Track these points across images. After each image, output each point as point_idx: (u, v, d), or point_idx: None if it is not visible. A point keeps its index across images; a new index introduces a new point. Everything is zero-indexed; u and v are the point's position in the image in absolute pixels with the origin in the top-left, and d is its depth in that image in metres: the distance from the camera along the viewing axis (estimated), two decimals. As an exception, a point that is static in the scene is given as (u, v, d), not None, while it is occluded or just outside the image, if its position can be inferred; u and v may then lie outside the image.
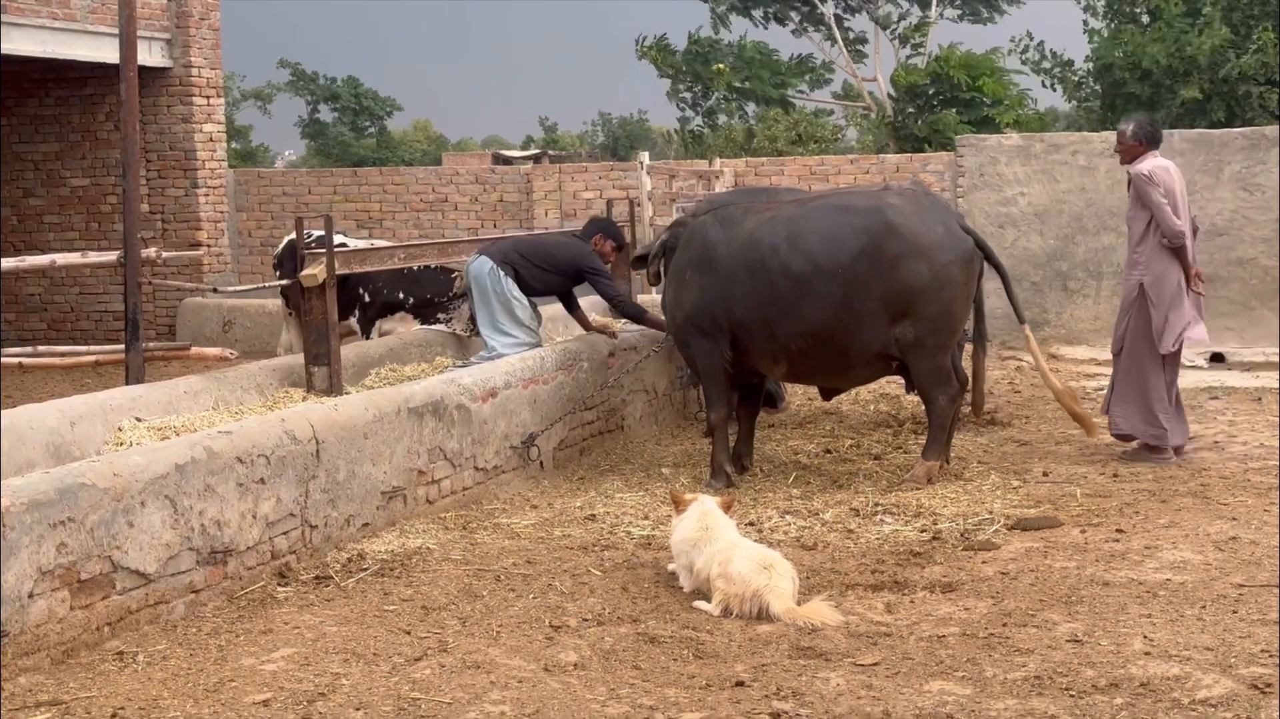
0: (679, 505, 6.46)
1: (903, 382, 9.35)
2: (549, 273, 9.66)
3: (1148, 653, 5.36)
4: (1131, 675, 5.11)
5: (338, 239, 12.27)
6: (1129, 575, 6.41)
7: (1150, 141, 9.11)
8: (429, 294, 11.29)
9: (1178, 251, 8.94)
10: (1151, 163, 9.05)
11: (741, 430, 8.97)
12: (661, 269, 9.72)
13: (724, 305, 8.45)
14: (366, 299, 11.67)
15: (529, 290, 9.62)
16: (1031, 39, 23.50)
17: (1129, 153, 9.15)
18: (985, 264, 8.61)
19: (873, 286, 8.17)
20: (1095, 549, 6.88)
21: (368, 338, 11.46)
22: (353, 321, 12.01)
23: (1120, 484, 8.32)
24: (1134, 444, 9.13)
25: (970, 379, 8.81)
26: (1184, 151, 14.62)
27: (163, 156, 17.30)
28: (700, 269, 8.55)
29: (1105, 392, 9.53)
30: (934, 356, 8.34)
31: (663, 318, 9.74)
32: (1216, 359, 13.49)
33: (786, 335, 8.35)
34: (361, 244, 11.50)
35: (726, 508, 6.47)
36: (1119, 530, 7.21)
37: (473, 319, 9.83)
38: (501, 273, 9.49)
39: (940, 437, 8.47)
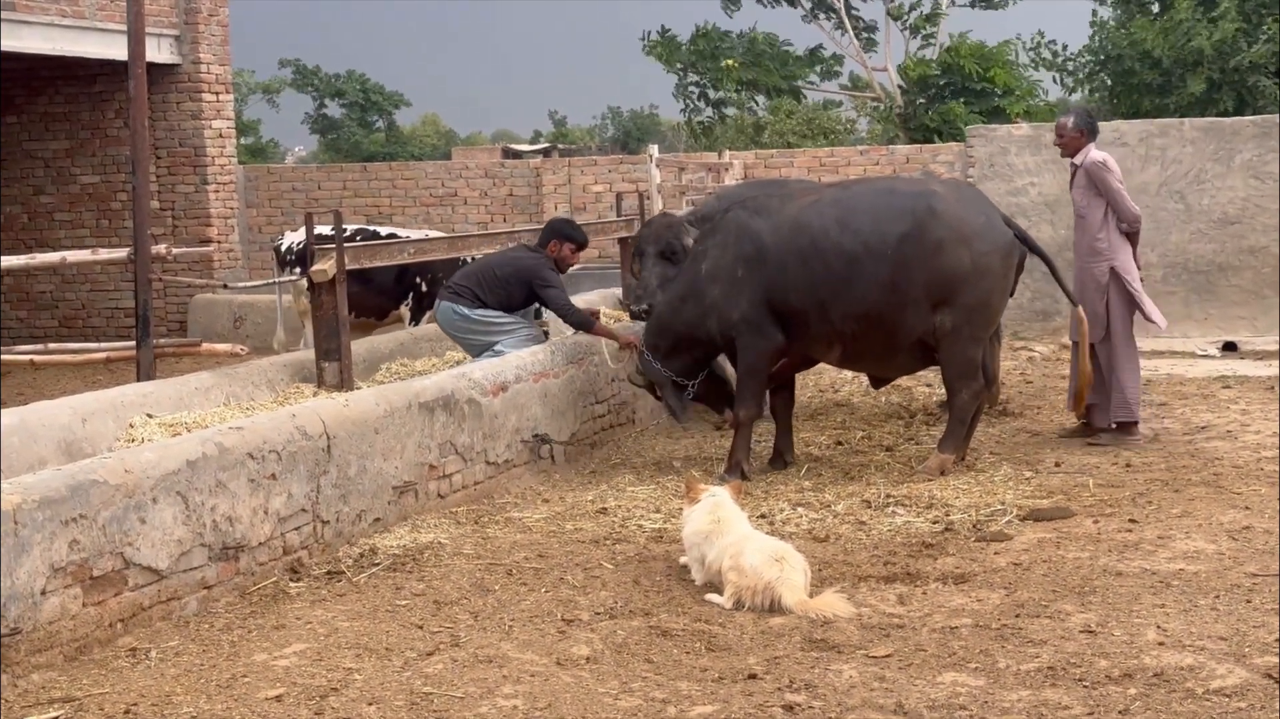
0: (692, 493, 6.46)
1: (919, 374, 9.35)
2: (504, 293, 9.43)
3: (1161, 643, 5.34)
4: (1145, 666, 5.09)
5: (391, 231, 12.33)
6: (1142, 565, 6.39)
7: (1091, 133, 9.41)
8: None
9: (1132, 236, 9.34)
10: (1098, 153, 9.37)
11: (780, 427, 8.92)
12: (640, 266, 9.69)
13: (779, 295, 8.39)
14: (424, 288, 11.73)
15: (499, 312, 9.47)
16: (1043, 37, 23.49)
17: (1071, 144, 9.42)
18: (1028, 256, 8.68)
19: (916, 271, 8.19)
20: (1108, 539, 6.86)
21: (417, 324, 11.52)
22: (403, 309, 12.07)
23: (1133, 474, 8.30)
24: (1105, 432, 9.23)
25: (994, 374, 8.80)
26: (1194, 140, 14.59)
27: (172, 153, 17.31)
28: (748, 262, 8.44)
29: (1073, 383, 9.48)
30: (966, 347, 8.34)
31: (614, 326, 9.76)
32: (1229, 348, 13.46)
33: (840, 318, 8.32)
34: (417, 234, 11.61)
35: (735, 493, 6.47)
36: (1132, 520, 7.19)
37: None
38: (459, 306, 9.32)
39: (959, 430, 8.46)
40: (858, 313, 8.30)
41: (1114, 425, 9.23)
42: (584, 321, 9.47)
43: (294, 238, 12.29)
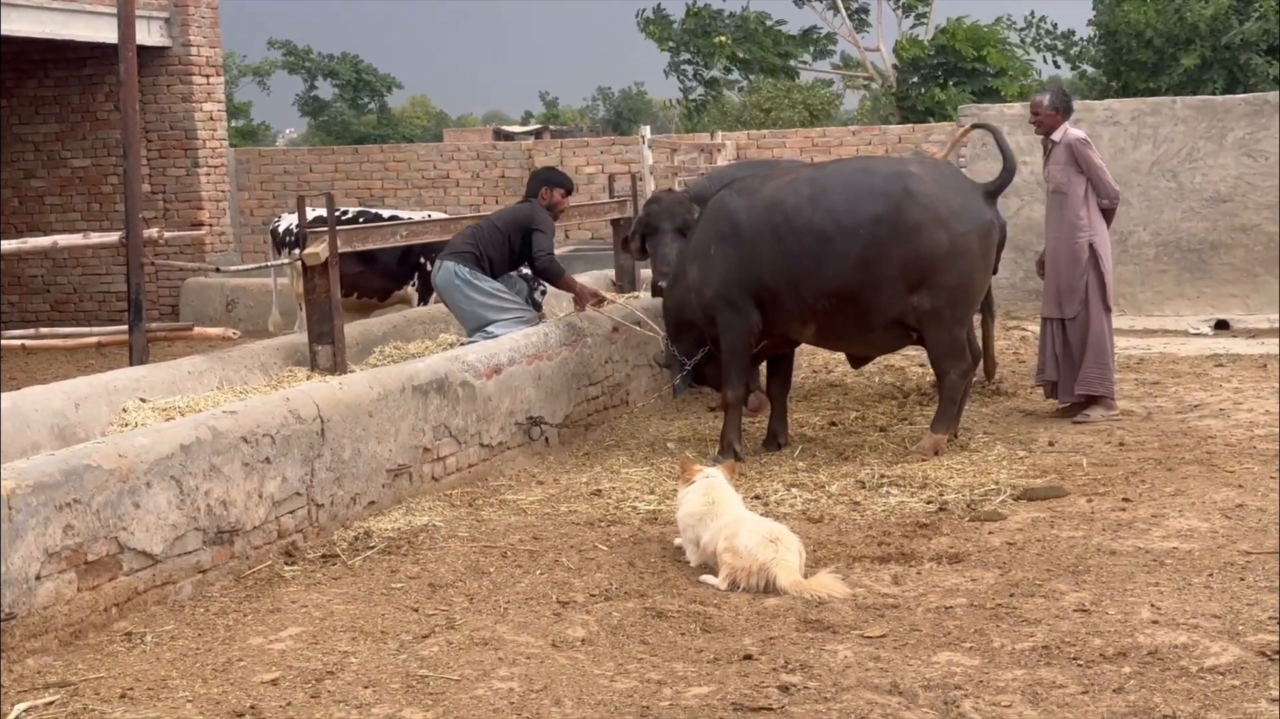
0: (687, 474, 6.46)
1: (912, 354, 9.36)
2: (505, 246, 9.49)
3: (1155, 621, 5.35)
4: (1139, 644, 5.11)
5: (393, 213, 12.32)
6: (1136, 544, 6.40)
7: (1066, 111, 9.60)
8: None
9: (1109, 213, 9.50)
10: (1076, 130, 9.59)
11: (774, 408, 8.93)
12: (643, 245, 9.73)
13: (752, 272, 8.39)
14: (429, 268, 11.73)
15: (496, 274, 9.54)
16: (1034, 16, 23.48)
17: (1047, 122, 9.57)
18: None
19: (892, 251, 8.16)
20: (1102, 518, 6.87)
21: (425, 304, 11.52)
22: (410, 289, 12.06)
23: (1126, 453, 8.31)
24: (1087, 408, 9.32)
25: (981, 349, 8.84)
26: (1186, 119, 14.57)
27: (163, 136, 17.28)
28: (724, 241, 8.48)
29: (1044, 360, 9.57)
30: (950, 328, 8.31)
31: (580, 280, 9.76)
32: (1221, 326, 13.48)
33: (812, 294, 8.29)
34: (419, 216, 11.66)
35: (729, 473, 6.47)
36: (1125, 499, 7.21)
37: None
38: (461, 267, 9.35)
39: (950, 410, 8.45)
40: (829, 290, 8.26)
41: (1085, 397, 9.32)
42: (556, 272, 9.53)
43: (291, 220, 12.27)
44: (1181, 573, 5.95)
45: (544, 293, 10.73)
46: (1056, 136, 9.49)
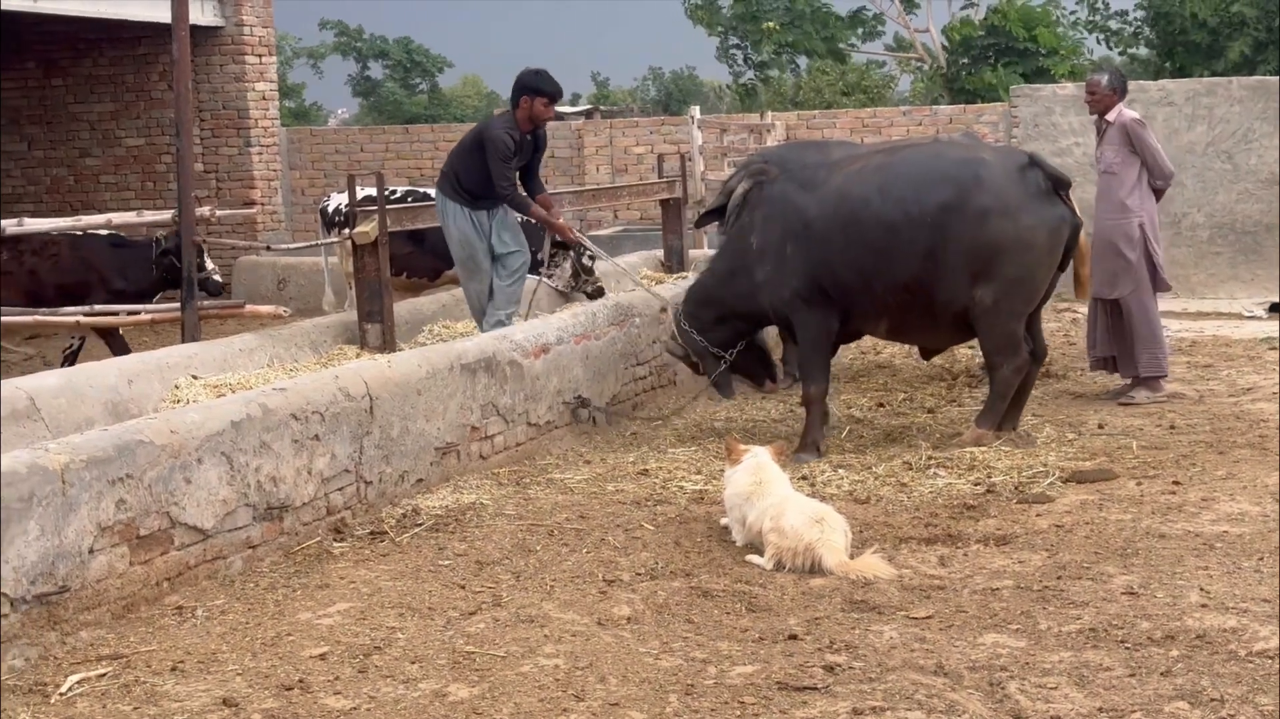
0: (733, 454, 6.46)
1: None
2: (477, 165, 8.92)
3: (1204, 605, 5.32)
4: (1188, 628, 5.08)
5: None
6: (1185, 528, 6.36)
7: (1122, 91, 9.56)
8: (533, 246, 11.22)
9: (1159, 193, 9.52)
10: (1130, 111, 9.55)
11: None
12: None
13: (826, 270, 8.15)
14: None
15: (479, 195, 9.04)
16: None
17: (1103, 102, 9.53)
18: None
19: (957, 238, 7.90)
20: (1151, 501, 6.83)
21: None
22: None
23: (1177, 436, 8.25)
24: (1133, 389, 9.34)
25: (1044, 344, 8.57)
26: (1242, 99, 14.43)
27: (216, 115, 17.38)
28: (796, 239, 8.22)
29: (1096, 338, 9.61)
30: (1006, 321, 7.99)
31: (550, 214, 9.38)
32: (1276, 309, 13.34)
33: (883, 289, 8.06)
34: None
35: (777, 455, 6.47)
36: (1175, 483, 7.16)
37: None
38: (452, 204, 8.95)
39: (999, 405, 8.16)
40: (899, 283, 8.04)
41: (1138, 380, 9.30)
42: (521, 203, 9.12)
43: (340, 199, 12.31)
44: (1231, 557, 5.91)
45: (593, 258, 10.57)
46: (1111, 117, 9.43)
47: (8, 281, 10.05)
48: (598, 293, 10.82)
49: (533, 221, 9.90)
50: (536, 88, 8.94)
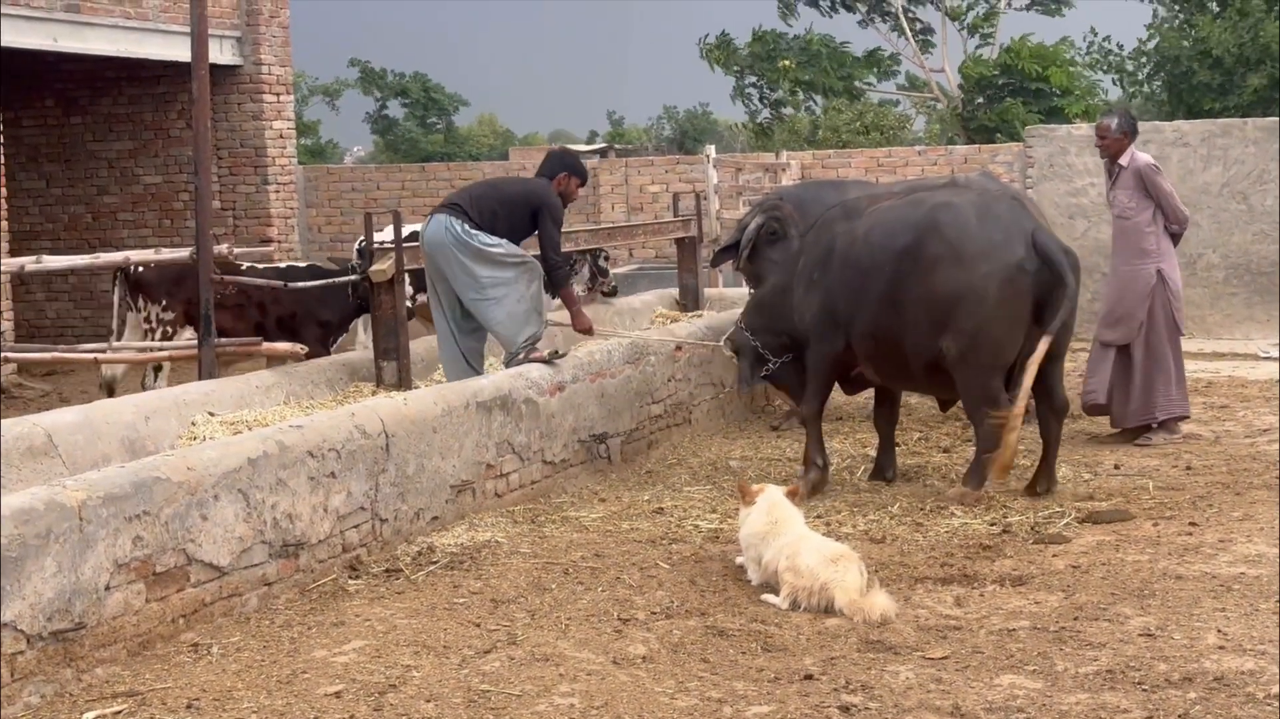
0: (746, 496, 6.47)
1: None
2: (506, 217, 8.57)
3: (1221, 647, 5.30)
4: (1205, 670, 5.06)
5: None
6: (1202, 569, 6.34)
7: (1133, 134, 9.42)
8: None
9: (1176, 237, 9.41)
10: (1143, 155, 9.44)
11: (881, 442, 8.54)
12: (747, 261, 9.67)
13: (830, 304, 8.10)
14: None
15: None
16: (1096, 34, 23.35)
17: (1115, 146, 9.40)
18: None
19: (912, 287, 7.69)
20: (1168, 542, 6.81)
21: None
22: None
23: (1193, 477, 8.23)
24: (1146, 430, 9.26)
25: (1065, 399, 8.20)
26: (1257, 140, 14.45)
27: (234, 153, 17.47)
28: (822, 268, 8.18)
29: (1100, 384, 9.48)
30: (978, 375, 7.63)
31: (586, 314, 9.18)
32: (1291, 350, 13.32)
33: (859, 333, 7.99)
34: None
35: (792, 496, 6.47)
36: (1192, 524, 7.13)
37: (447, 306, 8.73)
38: (455, 221, 8.46)
39: (985, 462, 7.67)
40: (868, 329, 7.92)
41: (1157, 424, 9.25)
42: (564, 277, 8.81)
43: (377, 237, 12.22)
44: (1249, 598, 5.89)
45: (607, 258, 10.68)
46: (1124, 161, 9.32)
47: (240, 314, 10.11)
48: (613, 292, 11.56)
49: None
50: (577, 169, 9.00)
